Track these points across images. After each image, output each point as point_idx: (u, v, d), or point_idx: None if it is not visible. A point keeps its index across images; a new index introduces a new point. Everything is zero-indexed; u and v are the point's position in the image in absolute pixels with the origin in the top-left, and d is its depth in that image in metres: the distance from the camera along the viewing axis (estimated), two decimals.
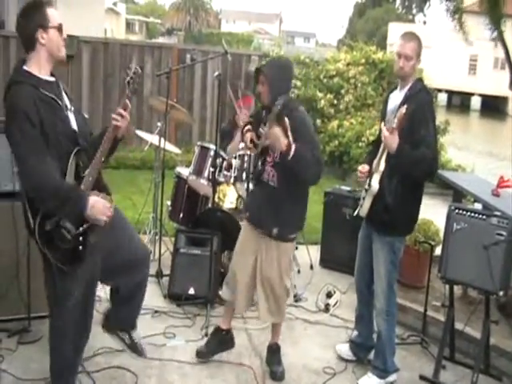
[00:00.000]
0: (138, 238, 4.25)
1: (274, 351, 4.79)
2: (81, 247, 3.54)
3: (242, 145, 5.94)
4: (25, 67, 3.56)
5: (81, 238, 3.53)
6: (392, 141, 4.16)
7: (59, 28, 3.61)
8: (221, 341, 4.91)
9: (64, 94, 3.69)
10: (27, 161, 3.41)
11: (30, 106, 3.39)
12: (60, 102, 3.58)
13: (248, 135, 4.62)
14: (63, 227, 3.48)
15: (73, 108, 3.70)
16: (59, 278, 3.64)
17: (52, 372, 3.90)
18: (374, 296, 4.68)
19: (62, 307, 3.73)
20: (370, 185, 4.46)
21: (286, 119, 4.11)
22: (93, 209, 3.47)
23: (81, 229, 3.51)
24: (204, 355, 4.85)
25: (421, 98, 4.36)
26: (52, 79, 3.63)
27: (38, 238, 3.53)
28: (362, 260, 4.85)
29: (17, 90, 3.46)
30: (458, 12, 14.48)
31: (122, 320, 4.36)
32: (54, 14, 3.59)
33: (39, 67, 3.57)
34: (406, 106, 4.08)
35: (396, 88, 4.62)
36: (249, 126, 4.68)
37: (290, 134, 4.12)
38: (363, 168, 4.59)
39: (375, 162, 4.48)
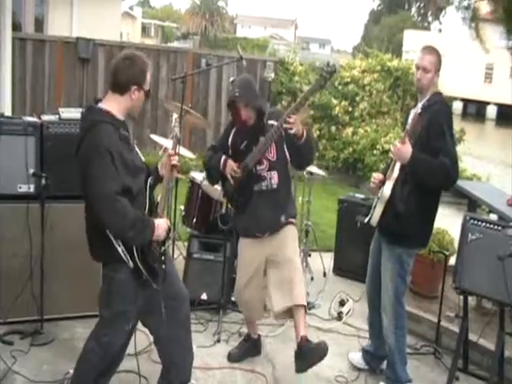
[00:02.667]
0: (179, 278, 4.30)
1: (304, 346, 4.36)
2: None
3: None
4: (103, 106, 3.62)
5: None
6: (405, 150, 4.14)
7: (147, 94, 3.70)
8: (252, 346, 5.04)
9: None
10: (110, 199, 3.47)
11: (113, 145, 3.50)
12: (131, 139, 3.73)
13: (230, 164, 4.59)
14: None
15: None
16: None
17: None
18: (381, 309, 4.63)
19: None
20: (382, 192, 4.43)
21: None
22: (158, 230, 3.64)
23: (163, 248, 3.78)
24: (236, 358, 4.92)
25: (437, 108, 4.33)
26: (123, 119, 3.70)
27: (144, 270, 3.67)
28: (373, 270, 4.82)
29: (100, 129, 3.52)
30: (474, 20, 14.40)
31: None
32: (149, 80, 3.69)
33: (118, 111, 3.64)
34: (420, 109, 4.11)
35: (416, 105, 4.59)
36: (224, 157, 4.63)
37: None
38: (377, 175, 4.57)
39: (389, 169, 4.45)
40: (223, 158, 4.60)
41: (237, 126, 4.62)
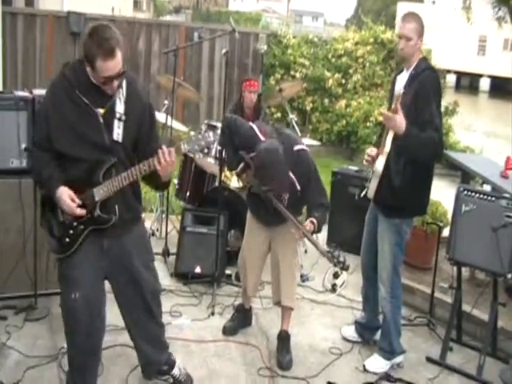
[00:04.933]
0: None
1: (283, 339, 4.74)
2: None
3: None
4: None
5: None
6: (400, 122, 4.10)
7: (104, 82, 3.37)
8: (245, 317, 5.07)
9: (119, 104, 3.51)
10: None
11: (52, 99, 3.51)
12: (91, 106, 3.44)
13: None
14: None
15: (124, 118, 3.52)
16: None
17: None
18: (378, 278, 4.64)
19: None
20: (375, 166, 4.42)
21: None
22: (59, 200, 3.44)
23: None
24: (231, 331, 4.95)
25: (425, 77, 4.29)
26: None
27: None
28: (368, 242, 4.82)
29: (52, 82, 3.58)
30: None
31: (153, 362, 4.08)
32: (104, 68, 3.31)
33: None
34: (403, 88, 4.12)
35: (403, 70, 4.57)
36: (242, 166, 4.53)
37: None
38: (371, 151, 4.54)
39: (381, 142, 4.43)
40: (242, 166, 4.51)
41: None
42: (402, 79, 4.49)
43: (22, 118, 4.88)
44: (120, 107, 3.49)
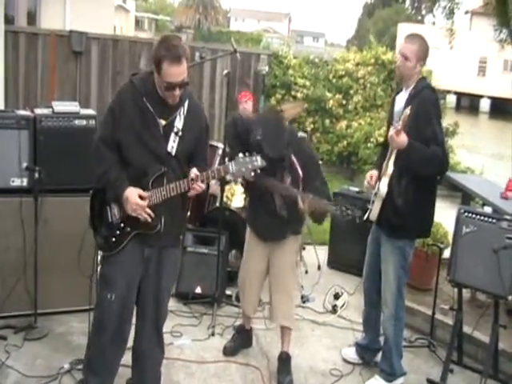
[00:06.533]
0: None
1: (284, 360, 4.72)
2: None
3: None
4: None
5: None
6: (400, 139, 4.12)
7: (167, 87, 3.53)
8: (245, 338, 5.06)
9: (179, 119, 3.69)
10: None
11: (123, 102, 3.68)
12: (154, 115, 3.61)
13: None
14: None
15: (180, 134, 3.68)
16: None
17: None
18: (382, 301, 4.63)
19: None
20: (378, 188, 4.42)
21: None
22: (126, 200, 3.61)
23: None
24: (231, 352, 4.94)
25: (424, 96, 4.31)
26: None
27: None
28: (371, 265, 4.81)
29: (122, 87, 3.77)
30: (451, 15, 14.38)
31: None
32: (168, 72, 3.48)
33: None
34: (410, 107, 4.07)
35: (402, 90, 4.58)
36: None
37: None
38: (372, 175, 4.55)
39: (384, 165, 4.44)
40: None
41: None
42: (401, 99, 4.51)
43: (24, 137, 4.89)
44: (179, 123, 3.68)
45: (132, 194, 3.59)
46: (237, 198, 6.44)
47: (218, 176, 3.67)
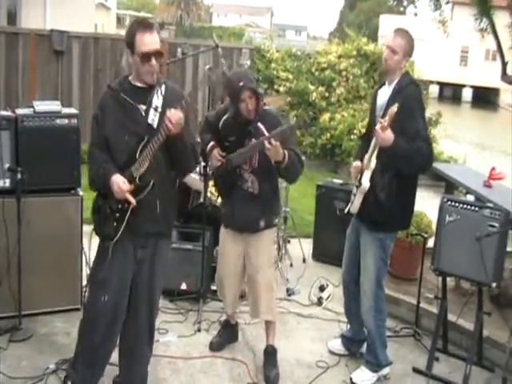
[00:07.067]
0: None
1: (269, 353, 4.72)
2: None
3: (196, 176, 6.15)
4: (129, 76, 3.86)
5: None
6: (387, 137, 4.12)
7: (143, 58, 3.64)
8: (231, 333, 5.07)
9: (157, 98, 3.80)
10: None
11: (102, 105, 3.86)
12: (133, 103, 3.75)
13: (215, 152, 4.59)
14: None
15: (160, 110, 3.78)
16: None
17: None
18: (361, 292, 4.64)
19: None
20: (360, 182, 4.43)
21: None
22: (113, 185, 3.68)
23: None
24: (217, 347, 4.94)
25: (408, 92, 4.33)
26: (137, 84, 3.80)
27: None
28: (350, 256, 4.83)
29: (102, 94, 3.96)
30: (439, 8, 14.43)
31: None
32: (142, 41, 3.63)
33: (133, 75, 3.82)
34: (397, 105, 4.06)
35: (384, 84, 4.59)
36: (212, 143, 4.63)
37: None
38: (356, 166, 4.56)
39: (366, 158, 4.43)
40: (211, 143, 4.62)
41: (238, 118, 4.46)
42: (383, 93, 4.51)
43: (5, 137, 4.86)
44: (157, 100, 3.78)
45: (117, 178, 3.68)
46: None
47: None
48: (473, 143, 19.33)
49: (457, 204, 4.64)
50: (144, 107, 3.77)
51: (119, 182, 3.66)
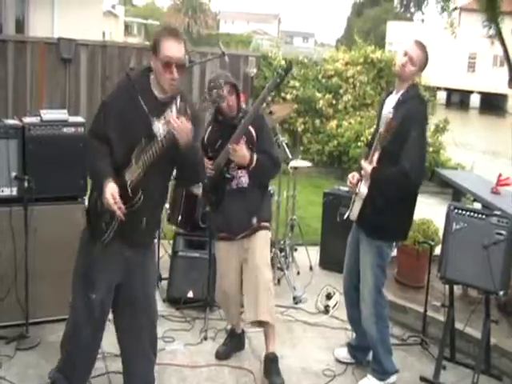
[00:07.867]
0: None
1: (271, 361, 4.67)
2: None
3: None
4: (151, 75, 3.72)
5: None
6: (364, 167, 4.31)
7: (165, 63, 3.57)
8: (238, 341, 5.06)
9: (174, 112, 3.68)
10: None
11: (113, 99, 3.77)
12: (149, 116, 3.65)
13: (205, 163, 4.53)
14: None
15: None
16: None
17: None
18: (361, 299, 4.64)
19: None
20: (359, 190, 4.44)
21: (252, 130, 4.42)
22: (104, 193, 3.57)
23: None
24: (224, 356, 4.93)
25: (411, 106, 4.31)
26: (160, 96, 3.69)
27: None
28: (350, 264, 4.84)
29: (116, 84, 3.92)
30: (447, 10, 14.43)
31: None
32: (168, 46, 3.56)
33: (153, 79, 3.70)
34: (391, 111, 4.09)
35: (392, 92, 4.58)
36: None
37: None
38: (353, 178, 4.57)
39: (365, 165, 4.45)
40: None
41: (221, 117, 4.57)
42: (390, 102, 4.50)
43: (12, 146, 4.88)
44: (169, 114, 3.67)
45: (109, 190, 3.55)
46: None
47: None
48: (481, 150, 19.25)
49: (464, 212, 4.62)
50: (156, 122, 3.66)
51: (114, 193, 3.54)
